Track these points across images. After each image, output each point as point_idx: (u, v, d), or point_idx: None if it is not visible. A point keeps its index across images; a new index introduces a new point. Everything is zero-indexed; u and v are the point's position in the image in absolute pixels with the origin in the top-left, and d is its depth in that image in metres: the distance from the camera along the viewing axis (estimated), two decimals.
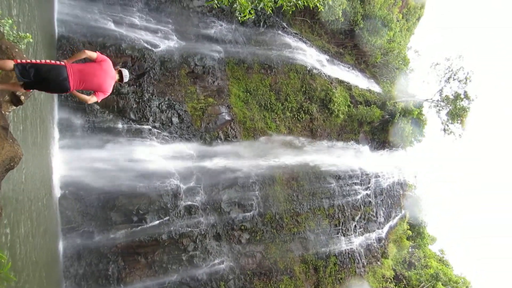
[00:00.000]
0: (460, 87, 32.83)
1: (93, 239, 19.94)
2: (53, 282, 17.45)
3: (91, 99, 6.47)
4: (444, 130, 33.89)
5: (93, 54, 6.13)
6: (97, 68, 6.19)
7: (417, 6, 39.85)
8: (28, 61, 5.56)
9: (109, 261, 20.23)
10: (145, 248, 20.85)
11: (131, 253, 20.65)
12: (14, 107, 8.44)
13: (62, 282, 19.03)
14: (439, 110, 33.99)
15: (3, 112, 7.44)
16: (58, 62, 5.82)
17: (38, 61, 5.66)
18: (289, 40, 28.18)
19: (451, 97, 32.82)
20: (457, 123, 32.87)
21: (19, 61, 5.51)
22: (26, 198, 12.80)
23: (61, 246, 19.34)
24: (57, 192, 19.15)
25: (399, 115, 29.53)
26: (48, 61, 5.76)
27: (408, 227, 35.97)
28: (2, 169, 4.94)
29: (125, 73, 6.65)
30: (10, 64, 5.49)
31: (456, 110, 32.29)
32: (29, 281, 12.84)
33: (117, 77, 6.56)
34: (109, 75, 6.35)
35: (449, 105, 32.95)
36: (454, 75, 33.09)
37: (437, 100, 33.98)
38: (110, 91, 6.53)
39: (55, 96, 20.35)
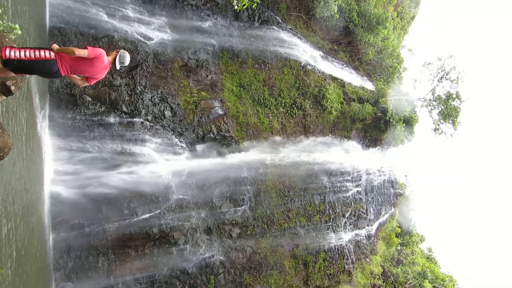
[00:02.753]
0: (452, 87, 33.12)
1: (83, 232, 19.85)
2: (42, 274, 17.37)
3: (84, 83, 6.44)
4: (435, 129, 34.17)
5: (84, 53, 5.94)
6: (88, 65, 6.09)
7: (411, 5, 40.00)
8: (17, 56, 5.48)
9: (99, 254, 20.17)
10: (135, 241, 20.82)
11: (121, 246, 20.60)
12: (4, 97, 8.33)
13: (51, 274, 18.95)
14: (431, 109, 34.25)
15: None
16: (47, 55, 5.72)
17: (27, 56, 5.57)
18: (284, 35, 28.14)
19: (443, 96, 33.09)
20: (449, 123, 33.17)
21: (7, 55, 5.43)
22: (16, 189, 12.70)
23: (51, 238, 19.23)
24: (48, 184, 19.00)
25: (391, 113, 29.72)
26: (37, 54, 5.66)
27: (398, 224, 36.36)
28: None
29: (122, 60, 6.47)
30: None
31: (447, 110, 32.58)
32: (18, 274, 12.77)
33: (112, 61, 6.44)
34: (101, 69, 6.27)
35: (441, 105, 33.22)
36: (447, 74, 33.35)
37: (430, 100, 34.24)
38: (103, 76, 6.47)
39: (47, 87, 20.14)
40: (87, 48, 6.00)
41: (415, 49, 39.47)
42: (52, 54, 5.79)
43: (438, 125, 33.89)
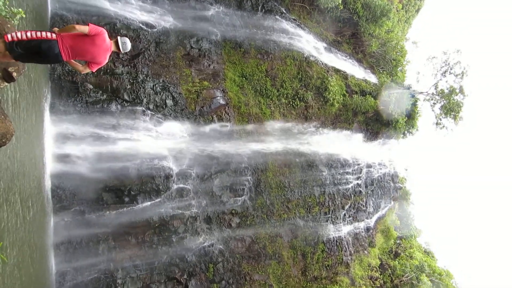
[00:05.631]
0: (456, 82, 32.93)
1: (84, 218, 20.00)
2: (43, 259, 17.56)
3: (85, 70, 6.41)
4: (437, 124, 34.09)
5: (85, 29, 5.92)
6: (89, 43, 6.06)
7: None
8: (19, 37, 5.48)
9: (100, 240, 20.35)
10: (136, 228, 20.98)
11: (121, 233, 20.77)
12: (6, 84, 8.35)
13: (51, 260, 19.16)
14: (434, 103, 34.12)
15: None
16: (49, 35, 5.71)
17: (28, 36, 5.57)
18: (287, 26, 27.95)
19: (446, 91, 32.93)
20: (450, 117, 33.06)
21: (9, 38, 5.43)
22: (17, 176, 12.78)
23: (52, 224, 19.39)
24: (49, 171, 19.09)
25: (394, 106, 29.63)
26: (39, 34, 5.65)
27: (397, 218, 36.53)
28: None
29: (123, 40, 6.44)
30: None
31: (450, 105, 32.43)
32: (18, 260, 12.92)
33: (113, 47, 6.42)
34: (103, 49, 6.22)
35: (443, 99, 33.09)
36: (451, 69, 33.12)
37: (432, 94, 34.09)
38: (105, 62, 6.43)
39: (48, 74, 20.12)
40: (88, 25, 5.97)
41: (419, 42, 39.22)
42: (54, 35, 5.78)
43: (440, 119, 33.79)
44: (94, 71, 6.50)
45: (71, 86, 20.57)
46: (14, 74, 8.07)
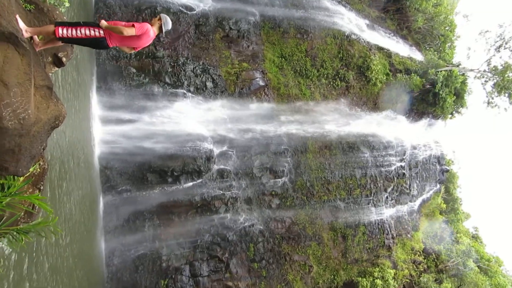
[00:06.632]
0: (511, 57, 30.67)
1: (130, 197, 20.93)
2: (93, 236, 18.63)
3: (131, 51, 6.76)
4: (488, 103, 32.12)
5: (132, 32, 6.06)
6: (135, 40, 6.30)
7: None
8: (69, 35, 5.71)
9: (146, 219, 21.26)
10: (179, 208, 21.68)
11: (165, 212, 21.57)
12: (56, 68, 8.72)
13: (102, 236, 20.30)
14: (485, 81, 32.08)
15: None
16: (97, 34, 5.89)
17: (79, 35, 5.79)
18: (327, 3, 27.09)
19: (500, 67, 30.77)
20: (504, 95, 30.99)
21: (60, 34, 5.66)
22: (68, 157, 13.49)
23: (101, 203, 20.47)
24: (97, 152, 20.04)
25: (441, 85, 28.11)
26: (88, 33, 5.85)
27: (442, 201, 35.14)
28: (48, 127, 5.17)
29: (166, 21, 6.54)
30: (51, 29, 5.68)
31: (504, 82, 30.34)
32: (72, 235, 13.77)
33: (156, 31, 6.55)
34: (148, 42, 6.48)
35: (496, 77, 30.98)
36: (506, 43, 30.85)
37: (484, 71, 32.01)
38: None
39: (94, 59, 20.90)
40: (134, 26, 6.07)
41: (470, 15, 36.68)
42: (101, 32, 5.96)
43: (492, 98, 31.79)
44: (138, 50, 6.75)
45: (115, 70, 21.27)
46: (64, 59, 8.40)
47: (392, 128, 28.32)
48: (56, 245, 11.55)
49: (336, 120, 26.06)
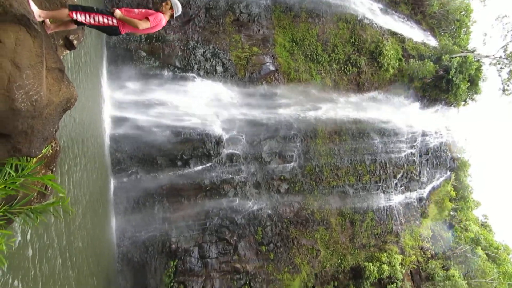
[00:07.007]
0: None
1: (140, 180, 21.23)
2: (105, 216, 19.02)
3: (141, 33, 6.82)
4: (504, 90, 31.43)
5: (147, 25, 6.12)
6: (148, 29, 6.36)
7: None
8: (83, 21, 5.75)
9: (155, 201, 21.59)
10: (188, 191, 21.95)
11: (175, 195, 21.86)
12: (68, 51, 8.78)
13: (112, 217, 20.71)
14: (501, 68, 31.34)
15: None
16: (111, 22, 5.92)
17: (93, 22, 5.83)
18: None
19: None
20: None
21: (74, 17, 5.70)
22: (79, 139, 13.69)
23: (112, 185, 20.81)
24: (107, 135, 20.28)
25: (455, 71, 27.53)
26: (101, 21, 5.88)
27: (452, 189, 34.86)
28: (59, 110, 5.24)
29: (177, 11, 6.56)
30: (64, 13, 5.70)
31: None
32: (84, 215, 14.07)
33: (168, 17, 6.58)
34: (159, 29, 6.52)
35: None
36: None
37: (500, 57, 31.23)
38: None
39: (104, 42, 20.94)
40: (148, 19, 6.10)
41: (487, 0, 35.60)
42: (115, 21, 5.99)
43: (507, 85, 31.10)
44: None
45: (125, 53, 21.31)
46: (75, 42, 8.45)
47: (403, 115, 27.98)
48: (68, 225, 11.85)
49: (346, 106, 25.85)
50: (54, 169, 6.61)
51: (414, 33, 30.16)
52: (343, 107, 25.71)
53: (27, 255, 8.54)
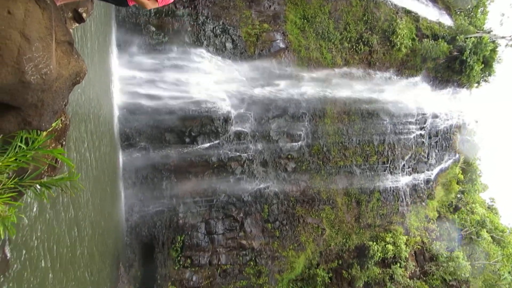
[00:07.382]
0: None
1: (149, 155, 21.41)
2: (113, 192, 19.30)
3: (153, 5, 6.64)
4: None
5: (155, 5, 6.01)
6: (156, 5, 6.24)
7: None
8: None
9: (163, 177, 21.83)
10: (195, 168, 22.12)
11: (183, 172, 22.06)
12: (77, 24, 8.69)
13: (121, 192, 21.02)
14: None
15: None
16: None
17: None
18: None
19: None
20: None
21: None
22: (89, 114, 13.73)
23: (120, 160, 21.03)
24: (116, 109, 20.33)
25: (469, 52, 26.86)
26: None
27: (461, 171, 34.63)
28: (69, 83, 5.22)
29: None
30: None
31: None
32: (93, 191, 14.27)
33: None
34: (169, 3, 6.39)
35: None
36: None
37: None
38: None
39: (114, 16, 20.70)
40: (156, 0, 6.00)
41: None
42: None
43: None
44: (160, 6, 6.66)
45: (135, 28, 21.08)
46: (84, 15, 8.35)
47: (414, 96, 27.56)
48: (78, 199, 12.05)
49: (358, 85, 25.50)
50: (64, 143, 6.67)
51: (429, 11, 29.31)
52: (353, 87, 25.35)
53: (36, 228, 8.73)
